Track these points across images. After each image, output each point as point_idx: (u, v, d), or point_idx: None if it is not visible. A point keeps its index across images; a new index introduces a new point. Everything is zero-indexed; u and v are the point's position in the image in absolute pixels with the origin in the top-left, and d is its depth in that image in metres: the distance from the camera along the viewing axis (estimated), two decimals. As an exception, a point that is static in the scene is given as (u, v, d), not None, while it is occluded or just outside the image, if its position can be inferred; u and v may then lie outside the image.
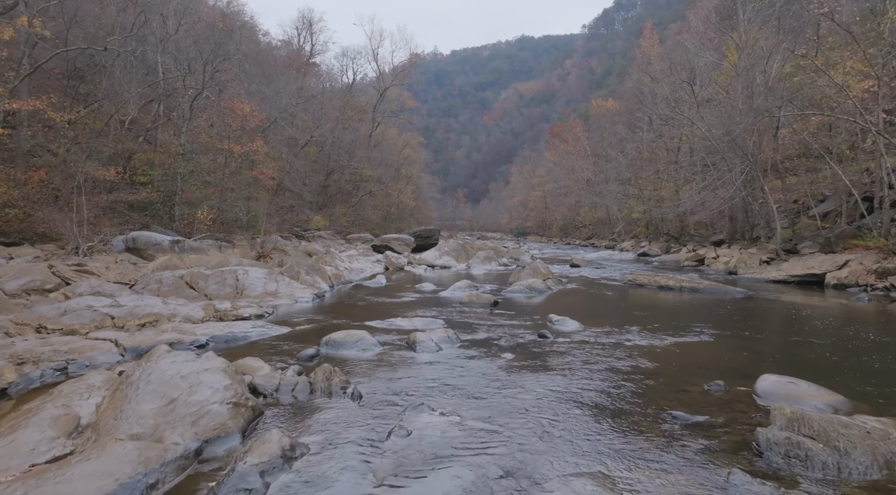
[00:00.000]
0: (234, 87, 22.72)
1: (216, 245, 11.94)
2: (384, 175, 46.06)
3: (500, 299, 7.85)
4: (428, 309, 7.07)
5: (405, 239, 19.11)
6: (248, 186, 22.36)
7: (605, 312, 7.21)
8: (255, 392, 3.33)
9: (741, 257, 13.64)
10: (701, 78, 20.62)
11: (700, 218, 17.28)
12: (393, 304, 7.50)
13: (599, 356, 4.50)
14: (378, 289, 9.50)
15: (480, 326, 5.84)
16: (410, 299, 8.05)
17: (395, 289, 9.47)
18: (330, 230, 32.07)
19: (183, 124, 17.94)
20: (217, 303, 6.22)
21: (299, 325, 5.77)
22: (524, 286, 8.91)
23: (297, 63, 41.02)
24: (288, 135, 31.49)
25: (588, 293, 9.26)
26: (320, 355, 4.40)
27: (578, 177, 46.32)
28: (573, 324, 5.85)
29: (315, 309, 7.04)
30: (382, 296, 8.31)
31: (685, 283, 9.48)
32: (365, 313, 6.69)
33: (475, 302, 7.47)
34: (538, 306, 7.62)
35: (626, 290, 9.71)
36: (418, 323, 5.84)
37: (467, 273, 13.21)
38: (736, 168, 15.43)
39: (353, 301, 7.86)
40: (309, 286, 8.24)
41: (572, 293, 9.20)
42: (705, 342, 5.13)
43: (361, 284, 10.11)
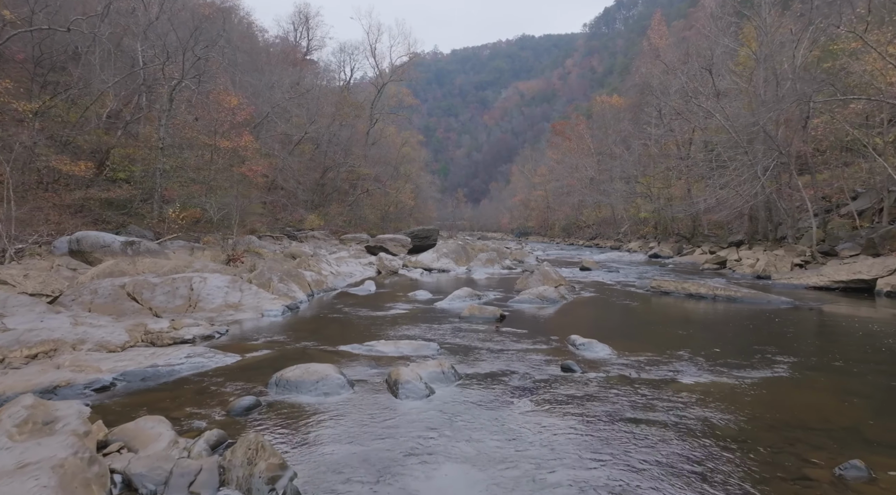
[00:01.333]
0: (221, 78, 21.45)
1: (188, 247, 10.70)
2: (382, 173, 44.82)
3: (506, 312, 6.59)
4: (421, 325, 5.81)
5: (401, 239, 17.85)
6: (235, 184, 21.11)
7: (636, 330, 5.95)
8: (129, 487, 2.08)
9: (769, 260, 12.37)
10: (717, 67, 19.36)
11: (720, 217, 16.03)
12: (379, 319, 6.23)
13: (652, 403, 3.24)
14: (365, 298, 8.24)
15: (485, 352, 4.58)
16: (401, 311, 6.79)
17: (384, 297, 8.21)
18: (325, 230, 30.81)
19: (162, 116, 16.68)
20: (151, 323, 4.96)
21: (254, 351, 4.51)
22: (534, 295, 7.65)
23: (291, 58, 39.76)
24: (281, 131, 30.23)
25: (608, 303, 7.99)
26: (262, 405, 3.14)
27: (581, 175, 45.05)
28: (603, 350, 4.59)
29: (282, 326, 5.78)
30: (368, 308, 7.05)
31: (720, 291, 8.21)
32: (342, 332, 5.44)
33: (477, 316, 6.21)
34: (554, 321, 6.36)
35: (649, 299, 8.45)
36: (406, 347, 4.58)
37: (468, 277, 11.95)
38: (759, 162, 14.16)
39: (332, 314, 6.60)
40: (281, 296, 6.98)
41: (590, 303, 7.94)
42: (786, 378, 3.87)
43: (347, 292, 8.85)
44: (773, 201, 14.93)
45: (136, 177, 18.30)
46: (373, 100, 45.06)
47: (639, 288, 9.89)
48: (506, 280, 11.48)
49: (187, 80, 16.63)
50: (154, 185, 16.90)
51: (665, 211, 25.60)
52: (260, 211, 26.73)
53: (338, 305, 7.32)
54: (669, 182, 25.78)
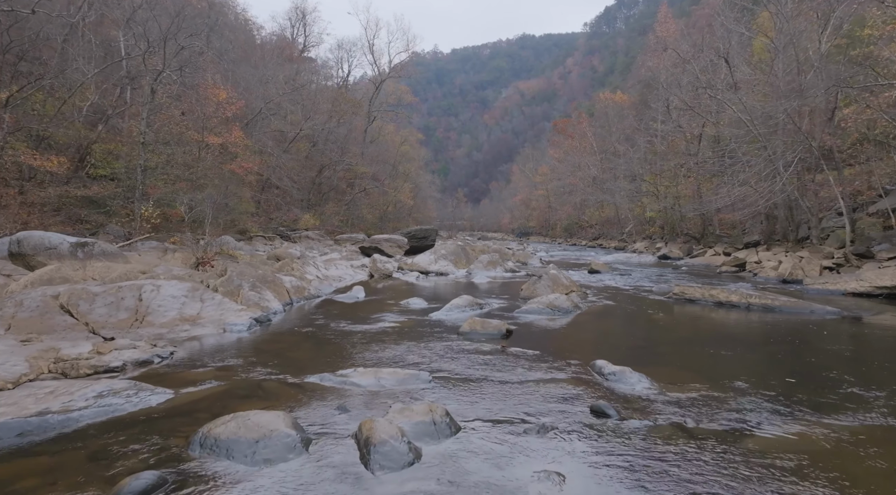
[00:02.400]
0: (210, 71, 20.47)
1: (161, 248, 9.72)
2: (380, 172, 43.85)
3: (513, 325, 5.61)
4: (411, 344, 4.83)
5: (397, 240, 16.87)
6: (224, 181, 20.13)
7: (672, 350, 4.97)
8: None
9: (795, 262, 11.39)
10: (732, 58, 18.37)
11: (735, 217, 15.05)
12: (362, 336, 5.25)
13: (733, 473, 2.26)
14: (351, 306, 7.26)
15: (489, 385, 3.60)
16: (390, 324, 5.80)
17: (373, 306, 7.22)
18: (321, 230, 29.86)
19: (144, 108, 15.70)
20: (67, 347, 3.97)
21: (196, 383, 3.53)
22: (544, 304, 6.66)
23: (287, 53, 38.79)
24: (275, 128, 29.26)
25: (628, 313, 7.00)
26: (168, 485, 2.16)
27: (584, 174, 44.07)
28: (640, 381, 3.61)
29: (245, 345, 4.80)
30: (352, 320, 6.07)
31: (754, 299, 7.22)
32: (314, 355, 4.46)
33: (479, 332, 5.23)
34: (570, 337, 5.38)
35: (673, 308, 7.47)
36: (388, 378, 3.59)
37: (468, 281, 10.97)
38: (780, 157, 13.18)
39: (308, 329, 5.61)
40: (250, 306, 6.00)
41: (608, 313, 6.94)
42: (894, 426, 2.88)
43: (332, 299, 7.87)
44: (793, 199, 13.95)
45: (120, 174, 17.36)
46: (371, 97, 44.10)
47: (657, 294, 8.91)
48: (509, 284, 10.50)
49: (169, 71, 15.62)
50: (135, 183, 15.92)
51: (673, 210, 24.60)
52: (252, 210, 25.79)
53: (318, 316, 6.34)
54: (678, 180, 24.77)
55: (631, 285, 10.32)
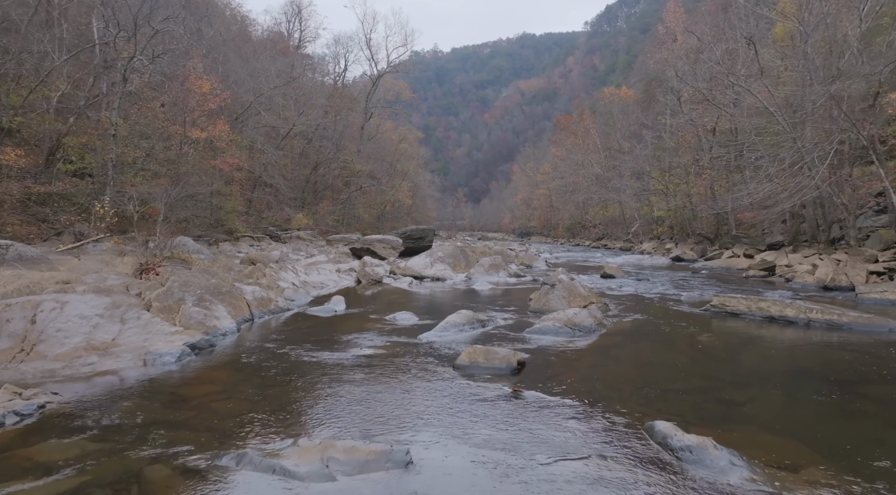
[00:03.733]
0: (194, 61, 19.16)
1: (116, 251, 8.44)
2: (378, 170, 42.53)
3: (526, 353, 4.32)
4: (387, 389, 3.54)
5: (391, 240, 15.58)
6: (206, 178, 18.84)
7: (748, 397, 3.65)
8: None
9: (836, 267, 10.10)
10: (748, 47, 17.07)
11: (766, 215, 13.78)
12: (324, 373, 3.95)
13: None
14: (326, 322, 5.97)
15: (497, 470, 2.31)
16: (365, 354, 4.51)
17: (351, 324, 5.93)
18: (314, 230, 28.60)
19: (115, 97, 14.42)
20: None
21: (41, 472, 2.25)
22: (561, 322, 5.37)
23: (280, 47, 37.48)
24: (265, 123, 27.95)
25: (664, 333, 5.70)
26: None
27: (587, 172, 42.76)
28: (730, 464, 2.32)
29: (161, 387, 3.51)
30: (318, 345, 4.78)
31: (815, 314, 5.93)
32: (247, 407, 3.16)
33: (482, 364, 3.94)
34: (603, 374, 4.07)
35: (714, 324, 6.18)
36: (340, 463, 2.30)
37: (467, 288, 9.68)
38: (813, 149, 11.89)
39: (256, 360, 4.31)
40: (191, 327, 4.72)
41: (641, 334, 5.64)
42: None
43: (305, 313, 6.58)
44: (825, 196, 12.66)
45: (92, 169, 16.12)
46: (368, 93, 42.76)
47: (689, 305, 7.61)
48: (515, 292, 9.22)
49: (140, 57, 14.32)
50: (106, 179, 14.65)
51: (684, 209, 23.30)
52: (240, 209, 24.52)
53: (278, 339, 5.05)
54: (689, 177, 23.46)
55: (654, 293, 9.03)
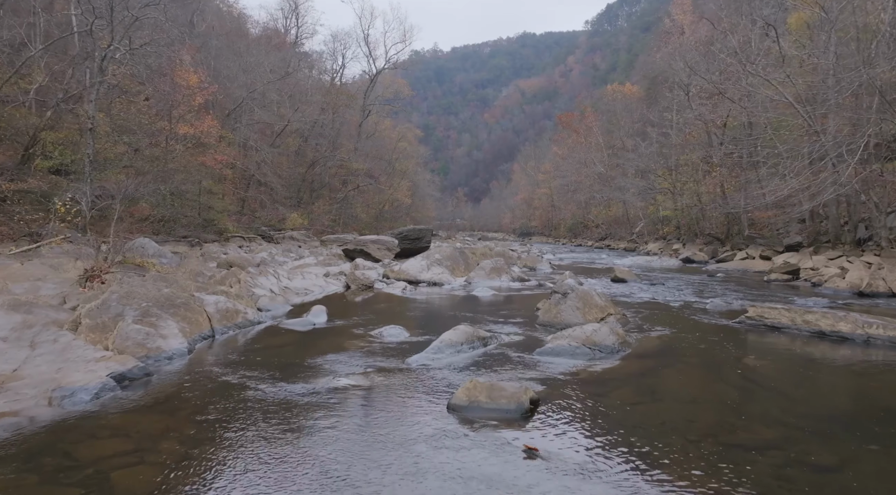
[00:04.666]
0: (177, 50, 18.26)
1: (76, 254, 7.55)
2: (376, 169, 41.63)
3: (539, 384, 3.44)
4: (360, 445, 2.66)
5: (386, 241, 14.69)
6: (191, 173, 17.96)
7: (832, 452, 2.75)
8: None
9: (871, 270, 9.22)
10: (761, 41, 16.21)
11: (789, 214, 12.89)
12: (281, 418, 3.06)
13: None
14: (297, 342, 5.08)
15: None
16: (339, 387, 3.61)
17: (329, 342, 5.04)
18: (310, 230, 27.73)
19: (92, 89, 13.54)
20: None
21: None
22: (579, 340, 4.48)
23: (275, 42, 36.57)
24: (258, 119, 27.06)
25: (701, 353, 4.79)
26: None
27: (590, 171, 41.86)
28: None
29: (55, 437, 2.62)
30: (283, 373, 3.89)
31: (876, 329, 5.04)
32: (159, 479, 2.27)
33: (484, 405, 3.05)
34: (641, 418, 3.17)
35: (751, 340, 5.30)
36: None
37: (467, 294, 8.79)
38: (842, 143, 11.00)
39: (195, 398, 3.42)
40: (126, 350, 3.84)
41: (674, 355, 4.73)
42: None
43: (279, 326, 5.69)
44: (851, 193, 11.77)
45: (73, 165, 15.27)
46: (366, 90, 41.85)
47: (716, 315, 6.72)
48: (519, 299, 8.34)
49: (117, 45, 13.43)
50: (83, 176, 13.77)
51: (692, 208, 22.40)
52: (231, 208, 23.66)
53: (237, 363, 4.16)
54: (699, 175, 22.56)
55: (673, 300, 8.14)
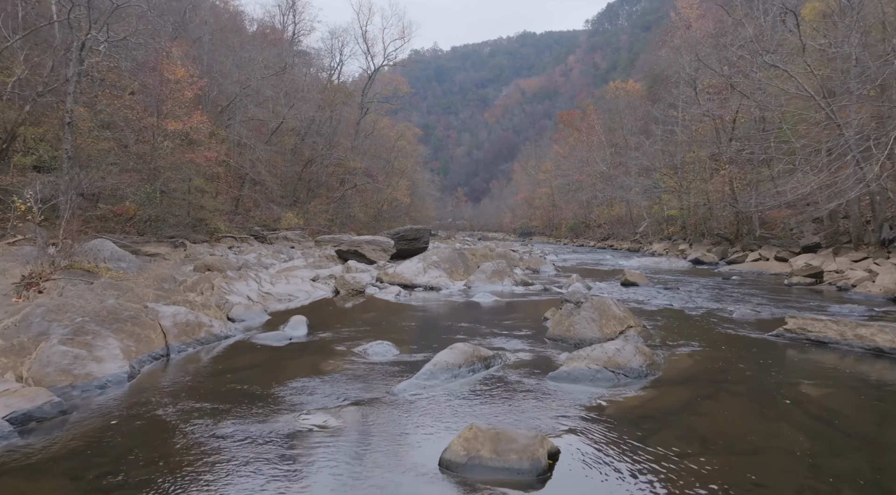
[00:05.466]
0: (162, 42, 17.52)
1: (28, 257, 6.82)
2: (374, 168, 40.88)
3: (557, 432, 2.71)
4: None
5: (382, 242, 13.95)
6: (179, 171, 17.23)
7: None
8: None
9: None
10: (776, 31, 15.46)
11: (814, 213, 12.18)
12: (225, 477, 2.32)
13: None
14: (267, 361, 4.33)
15: None
16: (305, 429, 2.87)
17: (304, 362, 4.30)
18: (305, 230, 27.00)
19: (70, 81, 12.81)
20: None
21: None
22: (599, 362, 3.75)
23: (271, 37, 35.80)
24: (253, 117, 26.32)
25: (743, 378, 4.04)
26: None
27: (592, 170, 41.13)
28: None
29: None
30: (238, 410, 3.15)
31: (945, 348, 4.30)
32: None
33: (487, 462, 2.31)
34: (683, 470, 2.43)
35: (796, 358, 4.56)
36: None
37: (466, 300, 8.05)
38: (860, 141, 10.28)
39: (119, 445, 2.68)
40: (45, 379, 3.11)
41: (709, 379, 3.99)
42: None
43: (249, 341, 4.95)
44: (876, 191, 11.03)
45: (53, 162, 14.57)
46: (364, 87, 41.09)
47: (745, 324, 5.99)
48: (524, 306, 7.60)
49: (97, 34, 12.69)
50: (61, 172, 13.04)
51: (700, 208, 21.66)
52: (221, 207, 22.92)
53: (189, 389, 3.42)
54: (704, 173, 21.82)
55: (693, 307, 7.40)
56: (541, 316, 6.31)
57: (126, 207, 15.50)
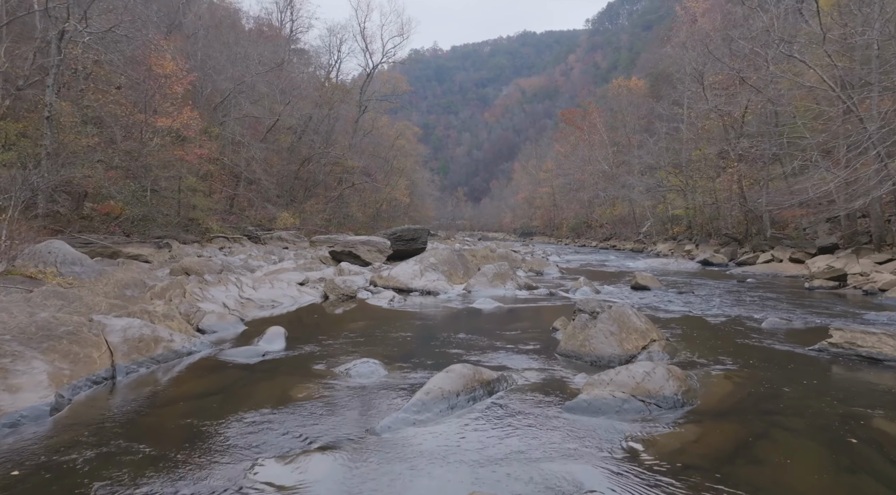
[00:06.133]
0: (148, 34, 16.86)
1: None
2: (373, 167, 40.25)
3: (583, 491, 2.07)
4: None
5: (377, 242, 13.31)
6: (169, 168, 16.60)
7: None
8: None
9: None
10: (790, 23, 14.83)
11: (841, 212, 11.53)
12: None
13: None
14: (231, 385, 3.68)
15: None
16: (254, 487, 2.24)
17: (274, 385, 3.65)
18: (301, 230, 26.37)
19: (50, 73, 12.17)
20: None
21: None
22: (626, 389, 3.11)
23: (266, 33, 35.14)
24: (247, 114, 25.67)
25: (795, 405, 3.40)
26: None
27: (594, 169, 40.49)
28: None
29: None
30: (175, 458, 2.50)
31: None
32: None
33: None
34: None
35: (846, 378, 3.92)
36: None
37: (466, 307, 7.41)
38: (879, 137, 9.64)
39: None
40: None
41: (755, 409, 3.34)
42: None
43: (216, 358, 4.30)
44: None
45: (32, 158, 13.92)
46: (362, 85, 40.45)
47: (777, 335, 5.35)
48: (529, 314, 6.96)
49: (76, 23, 12.05)
50: (39, 169, 12.40)
51: (707, 207, 21.01)
52: (213, 206, 22.29)
53: (120, 427, 2.78)
54: (712, 171, 21.17)
55: (714, 314, 6.75)
56: (548, 325, 5.68)
57: (111, 206, 14.87)
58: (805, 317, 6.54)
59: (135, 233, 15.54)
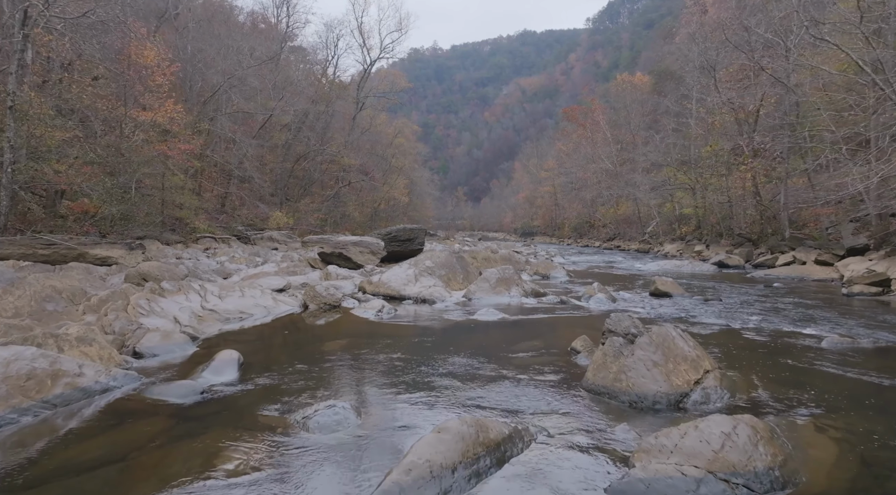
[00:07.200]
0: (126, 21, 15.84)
1: None
2: (370, 165, 39.23)
3: None
4: None
5: (371, 243, 12.31)
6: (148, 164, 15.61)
7: None
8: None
9: None
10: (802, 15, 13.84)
11: (867, 210, 10.58)
12: None
13: None
14: (130, 450, 2.67)
15: None
16: None
17: (192, 451, 2.66)
18: (294, 230, 25.37)
19: (13, 59, 11.18)
20: None
21: None
22: (701, 464, 2.12)
23: (263, 29, 34.13)
24: (238, 108, 24.67)
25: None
26: None
27: (597, 167, 39.49)
28: None
29: None
30: None
31: None
32: None
33: None
34: None
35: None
36: None
37: (466, 319, 6.41)
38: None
39: None
40: None
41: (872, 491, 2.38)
42: None
43: (139, 397, 3.31)
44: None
45: (3, 155, 12.94)
46: (359, 81, 39.44)
47: (846, 357, 4.37)
48: (540, 327, 5.96)
49: (38, 3, 11.05)
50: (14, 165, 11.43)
51: (720, 205, 20.02)
52: (207, 206, 21.32)
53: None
54: (723, 168, 20.18)
55: (756, 329, 5.76)
56: (565, 344, 4.70)
57: (86, 205, 13.89)
58: (866, 332, 5.55)
59: (113, 233, 14.56)
